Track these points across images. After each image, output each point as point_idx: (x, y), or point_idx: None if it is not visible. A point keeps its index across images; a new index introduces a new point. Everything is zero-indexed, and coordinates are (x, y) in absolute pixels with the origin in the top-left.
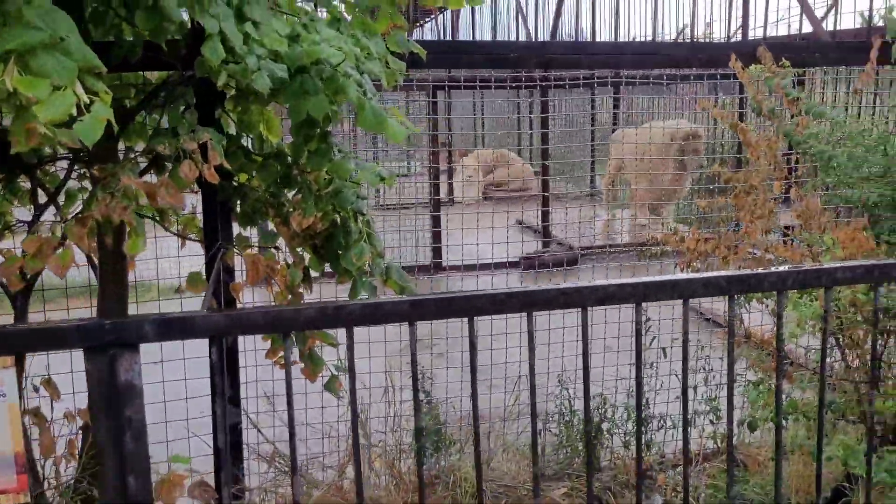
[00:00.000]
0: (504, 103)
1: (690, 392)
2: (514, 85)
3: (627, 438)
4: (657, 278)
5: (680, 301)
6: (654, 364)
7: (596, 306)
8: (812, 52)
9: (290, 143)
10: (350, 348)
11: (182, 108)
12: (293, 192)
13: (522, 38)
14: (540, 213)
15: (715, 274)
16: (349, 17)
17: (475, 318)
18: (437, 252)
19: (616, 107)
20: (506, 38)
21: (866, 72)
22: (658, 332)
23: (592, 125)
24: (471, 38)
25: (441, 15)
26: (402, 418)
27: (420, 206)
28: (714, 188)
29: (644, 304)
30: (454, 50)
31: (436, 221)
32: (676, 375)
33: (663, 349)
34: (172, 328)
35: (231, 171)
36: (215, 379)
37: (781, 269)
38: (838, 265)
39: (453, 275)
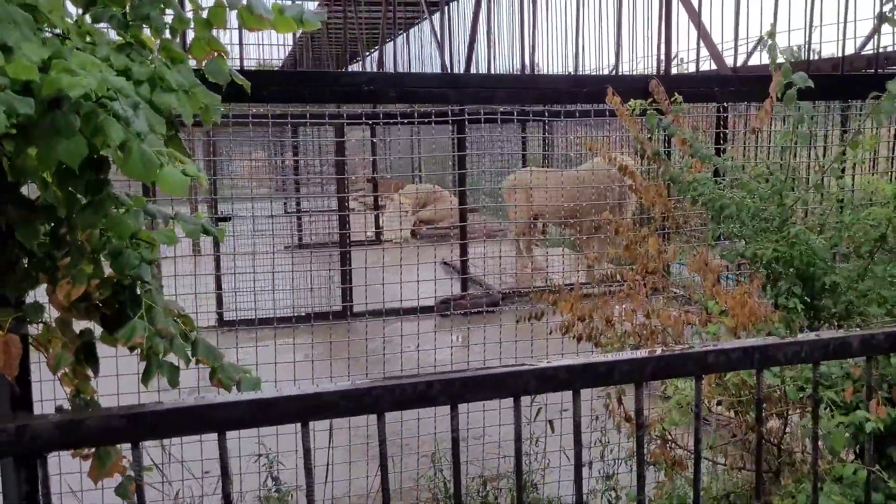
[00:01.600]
0: (444, 139)
1: (586, 470)
2: (438, 120)
3: None
4: (478, 373)
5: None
6: (541, 440)
7: (394, 410)
8: (711, 86)
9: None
10: (37, 481)
11: None
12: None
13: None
14: (460, 253)
15: (553, 364)
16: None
17: (226, 432)
18: (347, 296)
19: (546, 143)
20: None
21: (764, 109)
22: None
23: (524, 163)
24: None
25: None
26: None
27: (353, 245)
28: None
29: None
30: (297, 82)
31: (344, 262)
32: (566, 452)
33: (550, 422)
34: None
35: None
36: None
37: (638, 354)
38: (709, 348)
39: (364, 321)
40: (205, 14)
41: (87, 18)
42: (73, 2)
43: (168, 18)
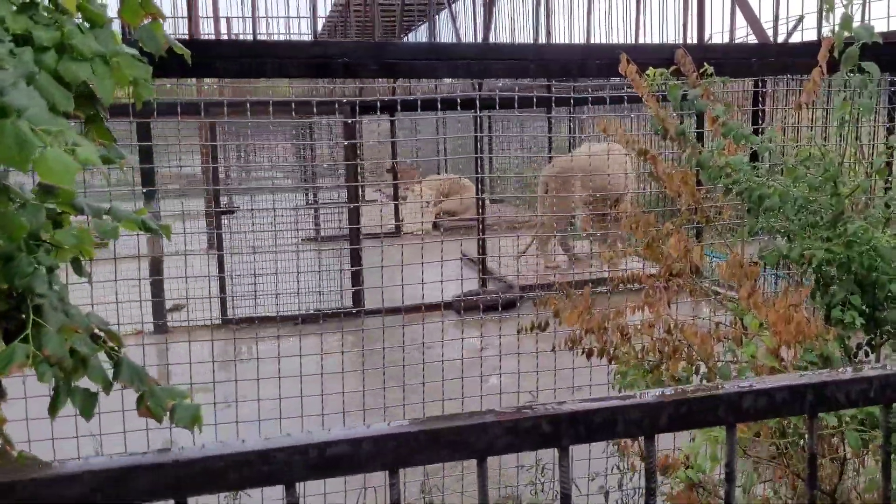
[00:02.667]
0: (465, 124)
1: (601, 499)
2: (425, 97)
3: None
4: (426, 426)
5: None
6: (548, 467)
7: (308, 480)
8: (747, 57)
9: None
10: None
11: None
12: None
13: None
14: (478, 247)
15: (532, 413)
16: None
17: None
18: (357, 293)
19: (572, 128)
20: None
21: (813, 80)
22: None
23: (549, 150)
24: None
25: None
26: None
27: (371, 238)
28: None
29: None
30: (259, 53)
31: (355, 258)
32: (576, 483)
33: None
34: None
35: None
36: None
37: (649, 397)
38: (746, 387)
39: (375, 320)
40: None
41: None
42: None
43: None
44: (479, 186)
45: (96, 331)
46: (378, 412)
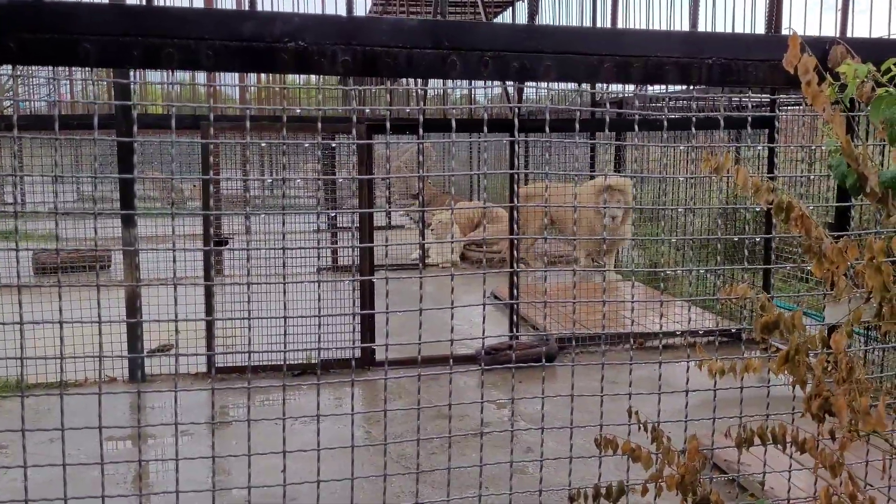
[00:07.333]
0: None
1: None
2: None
3: None
4: None
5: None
6: None
7: None
8: None
9: None
10: None
11: None
12: None
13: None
14: (509, 287)
15: None
16: None
17: None
18: (368, 339)
19: (618, 158)
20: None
21: None
22: None
23: (592, 174)
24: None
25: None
26: None
27: (392, 269)
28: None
29: None
30: (140, 29)
31: (365, 295)
32: None
33: None
34: None
35: None
36: None
37: None
38: None
39: (390, 372)
40: None
41: None
42: None
43: None
44: (512, 216)
45: None
46: None
